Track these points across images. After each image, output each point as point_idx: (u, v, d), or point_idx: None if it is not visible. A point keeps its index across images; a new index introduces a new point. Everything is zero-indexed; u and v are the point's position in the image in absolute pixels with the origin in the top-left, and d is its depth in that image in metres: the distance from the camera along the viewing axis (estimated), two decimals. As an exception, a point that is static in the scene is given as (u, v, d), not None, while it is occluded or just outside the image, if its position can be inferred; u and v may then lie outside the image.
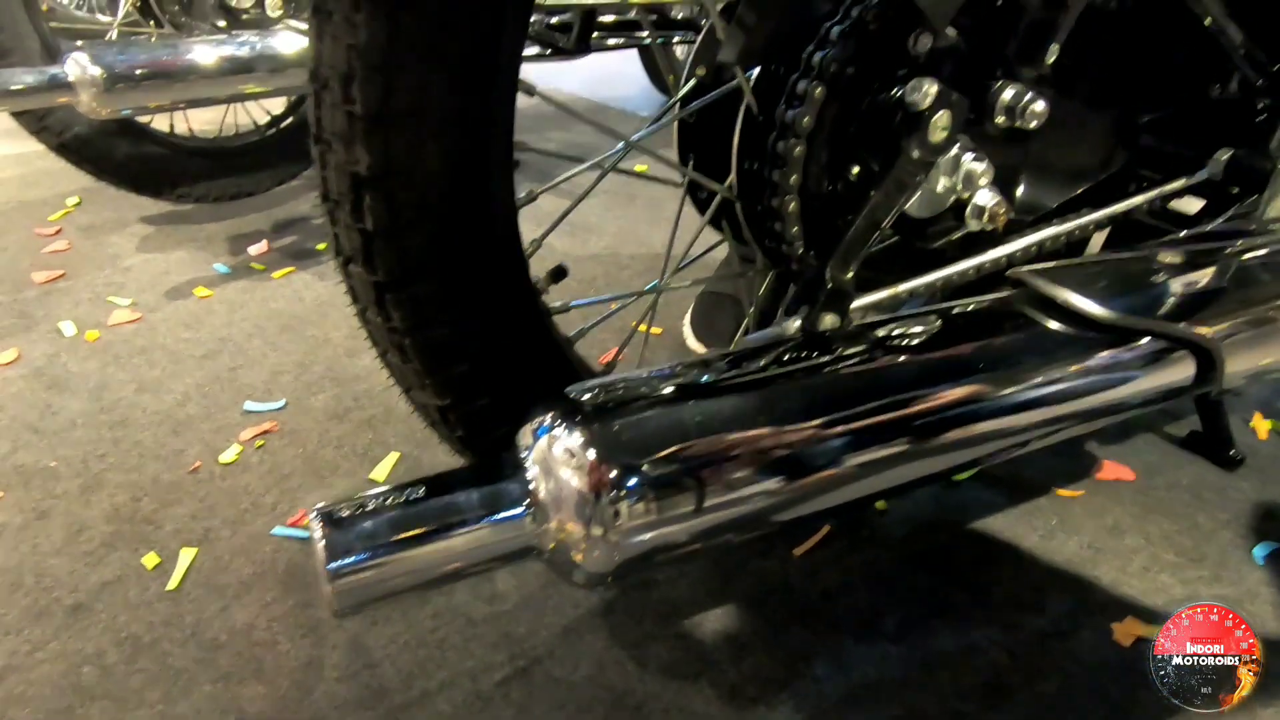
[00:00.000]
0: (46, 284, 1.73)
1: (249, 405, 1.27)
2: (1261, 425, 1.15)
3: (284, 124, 2.21)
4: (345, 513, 0.45)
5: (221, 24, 2.12)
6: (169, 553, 0.96)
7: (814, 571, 0.92)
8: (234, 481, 1.09)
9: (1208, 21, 0.60)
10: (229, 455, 1.14)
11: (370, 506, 0.45)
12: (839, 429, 0.48)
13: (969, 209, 0.60)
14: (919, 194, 0.60)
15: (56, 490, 1.07)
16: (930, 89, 0.54)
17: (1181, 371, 0.56)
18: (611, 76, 3.56)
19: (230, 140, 2.15)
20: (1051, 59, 0.59)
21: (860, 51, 0.56)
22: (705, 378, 0.50)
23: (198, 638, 0.85)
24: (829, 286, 0.59)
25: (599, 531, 0.44)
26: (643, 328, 0.88)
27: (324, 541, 0.44)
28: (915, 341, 0.53)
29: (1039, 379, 0.53)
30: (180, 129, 2.06)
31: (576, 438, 0.45)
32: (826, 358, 0.51)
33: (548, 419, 0.47)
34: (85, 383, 1.35)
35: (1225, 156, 0.68)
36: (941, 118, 0.56)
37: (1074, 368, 0.53)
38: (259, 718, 0.77)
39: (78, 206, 2.19)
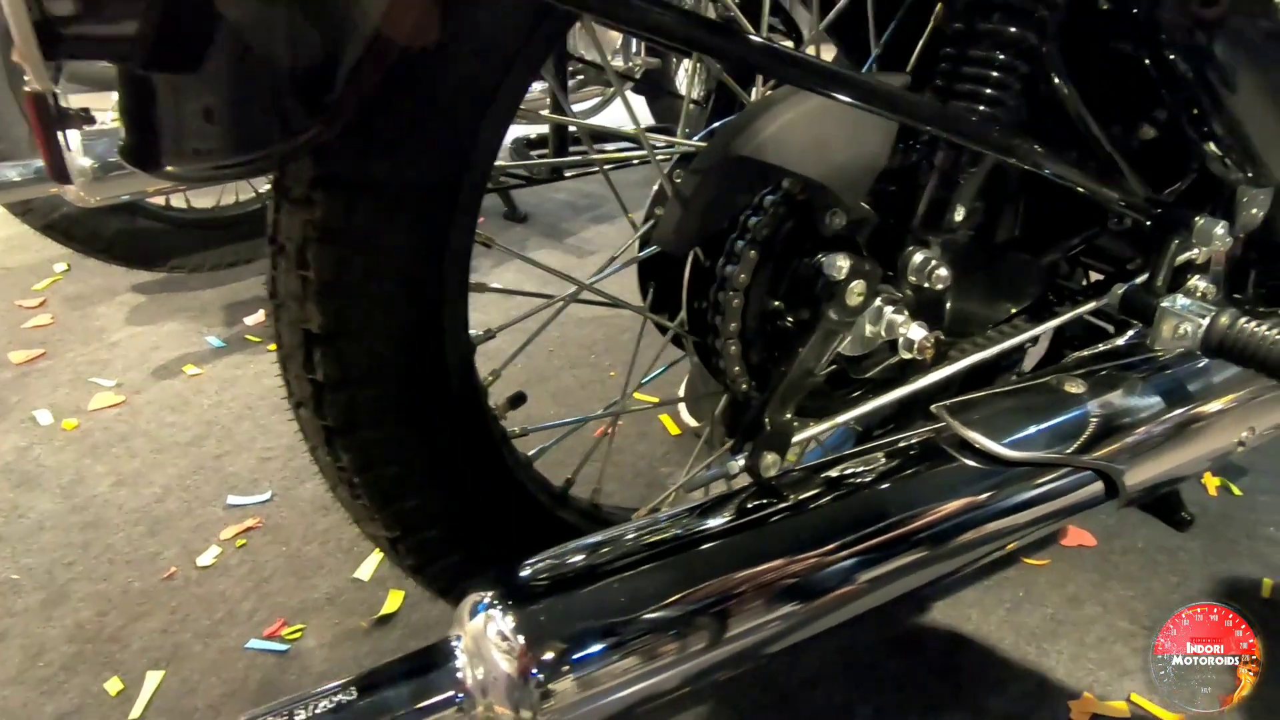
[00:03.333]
0: (25, 364, 1.65)
1: (232, 499, 1.19)
2: (1211, 482, 1.16)
3: (281, 191, 2.16)
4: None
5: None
6: (134, 676, 0.87)
7: (795, 660, 0.88)
8: (210, 588, 1.00)
9: (1086, 189, 0.65)
10: (207, 558, 1.06)
11: (299, 717, 0.42)
12: (767, 581, 0.50)
13: (900, 342, 0.63)
14: (850, 337, 0.64)
15: (16, 606, 0.98)
16: (843, 263, 0.59)
17: (1088, 492, 0.61)
18: (617, 116, 3.56)
19: (228, 210, 2.07)
20: (958, 220, 0.64)
21: (784, 223, 0.61)
22: (639, 545, 0.51)
23: (159, 779, 0.75)
24: (768, 429, 0.60)
25: (528, 715, 0.44)
26: (603, 449, 0.89)
27: None
28: (844, 487, 0.57)
29: (961, 512, 0.57)
30: (176, 201, 2.00)
31: (508, 621, 0.45)
32: (756, 513, 0.54)
33: (483, 599, 0.47)
34: (58, 478, 1.26)
35: (1120, 290, 0.73)
36: (856, 285, 0.60)
37: (992, 499, 0.58)
38: None
39: (65, 274, 2.09)
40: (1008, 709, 0.83)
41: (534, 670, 0.44)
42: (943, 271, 0.62)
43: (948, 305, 0.69)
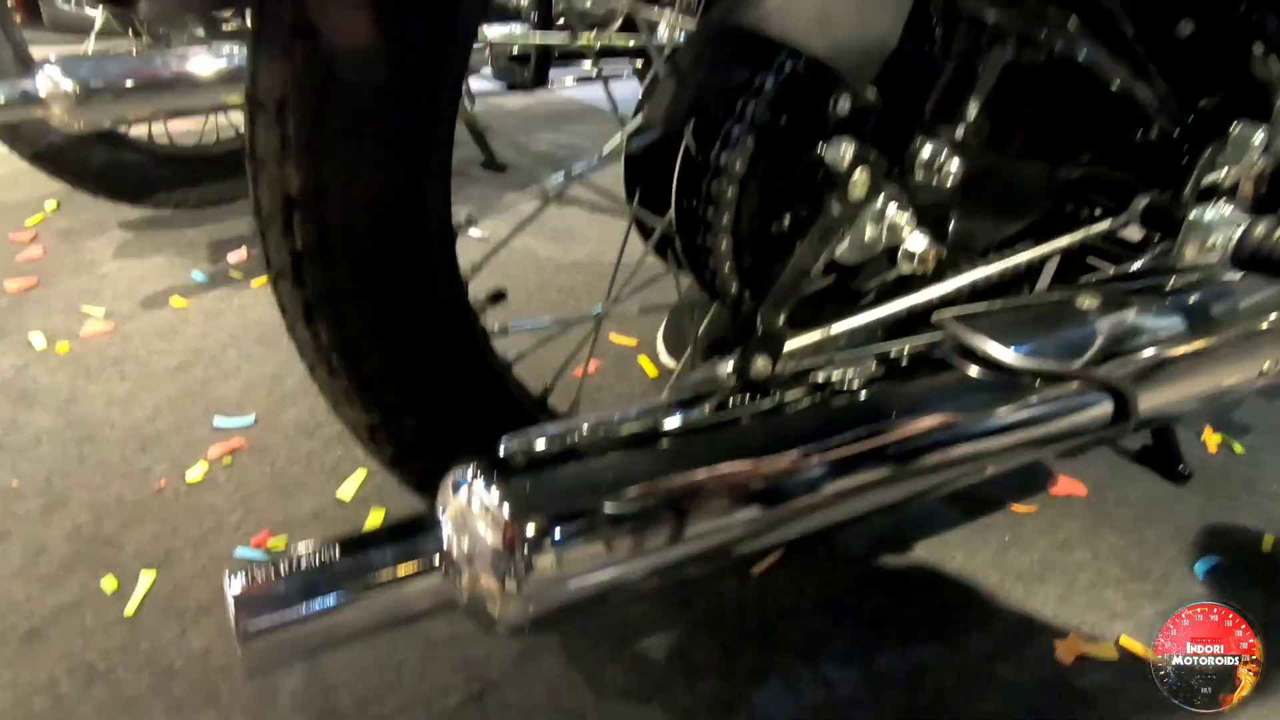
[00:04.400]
0: (19, 293, 1.70)
1: (219, 421, 1.25)
2: (1211, 439, 1.16)
3: (265, 130, 2.17)
4: (259, 575, 0.44)
5: (201, 35, 2.08)
6: (128, 575, 0.95)
7: (770, 592, 0.91)
8: (199, 501, 1.07)
9: (1116, 86, 0.61)
10: (196, 474, 1.13)
11: (284, 568, 0.44)
12: (753, 478, 0.48)
13: (900, 253, 0.59)
14: (847, 241, 0.61)
15: (18, 510, 1.05)
16: (848, 149, 0.55)
17: (1098, 413, 0.56)
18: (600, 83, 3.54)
19: (211, 147, 2.11)
20: (973, 114, 0.60)
21: (785, 107, 0.57)
22: (627, 428, 0.50)
23: (153, 665, 0.83)
24: (760, 330, 0.58)
25: (513, 586, 0.44)
26: (584, 354, 0.88)
27: (235, 605, 0.43)
28: (842, 389, 0.53)
29: (961, 423, 0.53)
30: (159, 136, 2.03)
31: (493, 494, 0.45)
32: (747, 411, 0.52)
33: (466, 473, 0.46)
34: (54, 396, 1.32)
35: (1143, 203, 0.69)
36: (860, 175, 0.56)
37: (994, 412, 0.54)
38: (212, 746, 0.76)
39: (56, 210, 2.14)
40: (991, 646, 0.83)
41: (519, 542, 0.44)
42: (953, 166, 0.57)
43: (952, 216, 0.65)
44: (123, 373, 1.41)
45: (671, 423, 0.50)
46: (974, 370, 0.54)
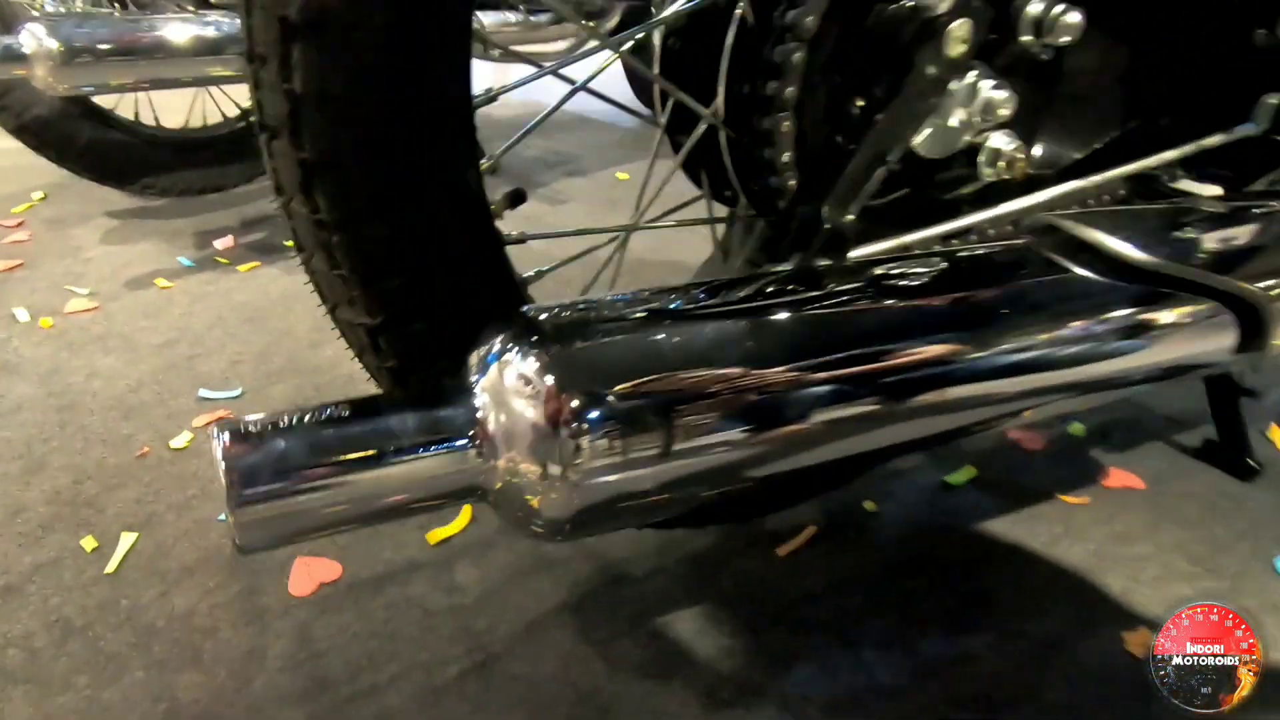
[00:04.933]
0: (4, 272, 1.74)
1: (204, 392, 1.27)
2: (1279, 436, 1.15)
3: (253, 118, 2.22)
4: (257, 430, 0.41)
5: (189, 6, 2.16)
6: (109, 536, 0.96)
7: (798, 572, 0.92)
8: (183, 467, 1.09)
9: None
10: (180, 441, 1.14)
11: (287, 424, 0.41)
12: (831, 375, 0.45)
13: (983, 154, 0.57)
14: (929, 127, 0.57)
15: (-6, 471, 1.07)
16: None
17: (1223, 333, 0.52)
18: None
19: (198, 132, 2.17)
20: None
21: None
22: (682, 304, 0.47)
23: (133, 623, 0.84)
24: (826, 228, 0.56)
25: (557, 470, 0.41)
26: (609, 270, 0.86)
27: (229, 463, 0.40)
28: (922, 282, 0.50)
29: (1059, 333, 0.49)
30: (147, 120, 2.09)
31: (534, 362, 0.42)
32: (821, 293, 0.48)
33: (502, 340, 0.44)
34: (35, 368, 1.35)
35: (1275, 101, 0.62)
36: (960, 28, 0.51)
37: (1100, 321, 0.49)
38: (193, 707, 0.76)
39: (43, 200, 2.22)
40: (1047, 636, 0.82)
41: (566, 418, 0.40)
42: (1072, 18, 0.52)
43: (1042, 119, 0.61)
44: (106, 347, 1.43)
45: (731, 302, 0.47)
46: (1080, 270, 0.50)
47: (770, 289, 0.49)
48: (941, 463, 1.10)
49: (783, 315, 0.48)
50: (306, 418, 0.43)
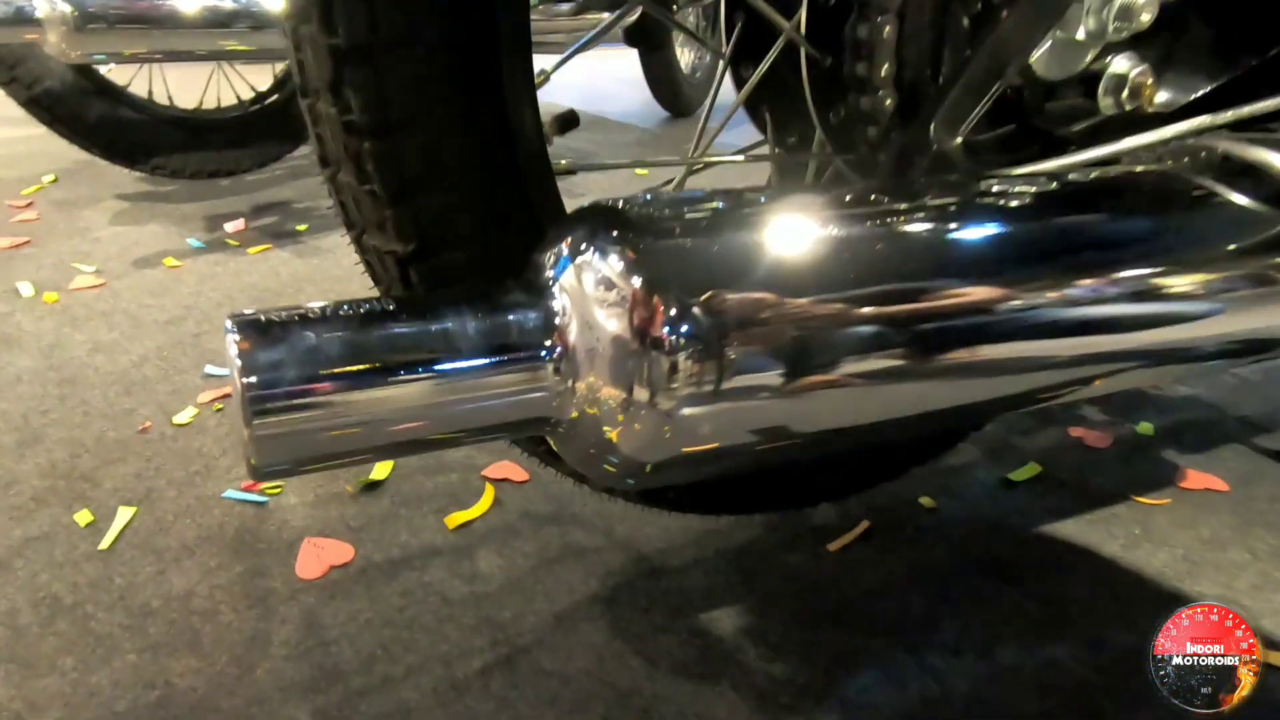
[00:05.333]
0: (9, 249, 1.71)
1: (210, 369, 1.22)
2: None
3: (269, 100, 2.19)
4: (282, 322, 0.34)
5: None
6: (105, 511, 0.90)
7: (853, 570, 0.85)
8: (186, 443, 1.03)
9: None
10: (184, 417, 1.09)
11: (319, 317, 0.35)
12: (993, 300, 0.39)
13: (1105, 80, 0.51)
14: (1051, 40, 0.52)
15: (-14, 442, 1.01)
16: None
17: None
18: (611, 91, 3.59)
19: (212, 113, 2.13)
20: None
21: None
22: (800, 208, 0.40)
23: (126, 602, 0.78)
24: (934, 150, 0.51)
25: (644, 395, 0.34)
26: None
27: (245, 360, 0.33)
28: (1069, 201, 0.44)
29: (1220, 272, 0.43)
30: (160, 99, 2.06)
31: (629, 259, 0.35)
32: (943, 207, 0.42)
33: (583, 235, 0.37)
34: (37, 341, 1.30)
35: None
36: None
37: (1272, 260, 0.43)
38: (188, 695, 0.69)
39: (54, 183, 2.20)
40: (1137, 644, 0.75)
41: (661, 327, 0.33)
42: None
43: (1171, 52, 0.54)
44: (110, 323, 1.39)
45: (847, 213, 0.40)
46: (1243, 199, 0.43)
47: (899, 198, 0.43)
48: (1001, 459, 1.03)
49: (924, 228, 0.41)
50: (343, 310, 0.36)
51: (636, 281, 0.35)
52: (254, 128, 2.16)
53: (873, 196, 0.42)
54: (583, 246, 0.37)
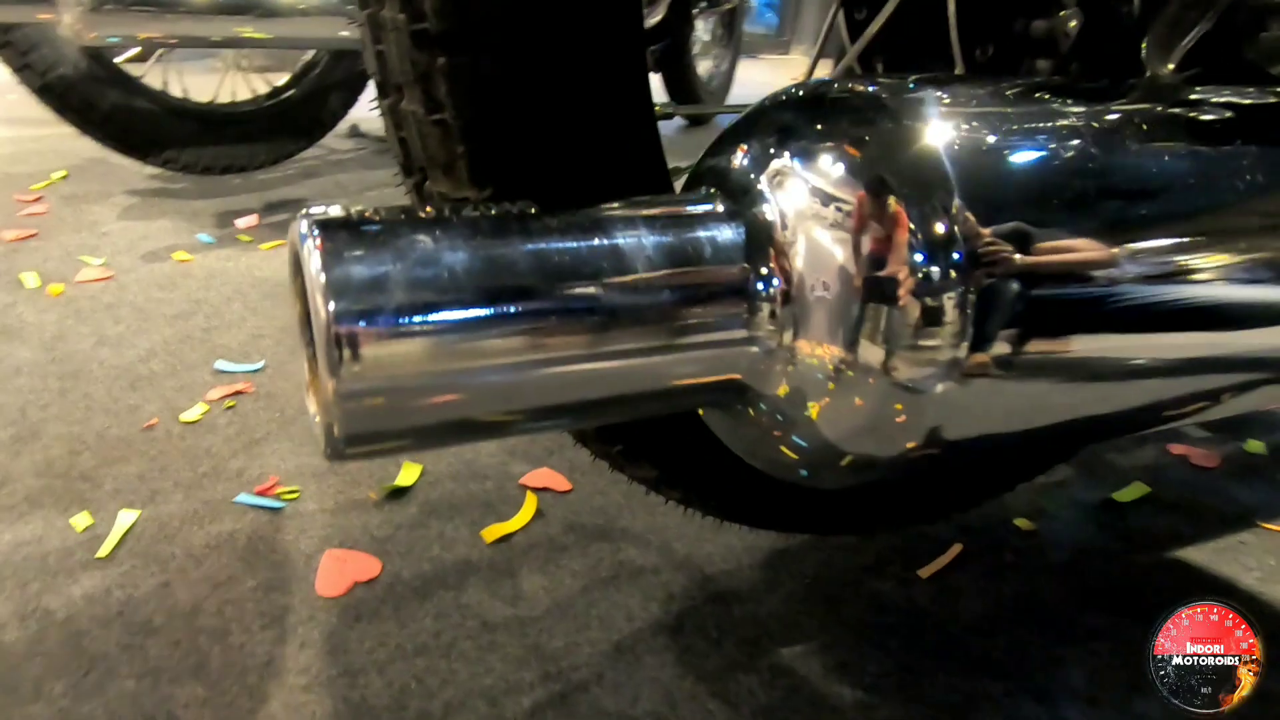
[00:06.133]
0: (16, 241, 1.65)
1: (221, 364, 1.14)
2: None
3: (285, 95, 2.15)
4: (383, 224, 0.25)
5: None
6: (105, 514, 0.82)
7: (950, 599, 0.76)
8: (194, 442, 0.95)
9: None
10: (192, 414, 1.01)
11: (432, 222, 0.26)
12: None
13: None
14: None
15: (-22, 436, 0.94)
16: None
17: None
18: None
19: (227, 108, 2.10)
20: None
21: None
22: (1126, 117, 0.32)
23: (126, 619, 0.69)
24: (1146, 77, 0.44)
25: (921, 354, 0.26)
26: None
27: (330, 277, 0.24)
28: None
29: None
30: (175, 92, 2.02)
31: (908, 161, 0.27)
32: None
33: (822, 119, 0.29)
34: (39, 333, 1.23)
35: None
36: None
37: None
38: (193, 729, 0.61)
39: (64, 179, 2.15)
40: None
41: (951, 260, 0.25)
42: None
43: None
44: (116, 316, 1.32)
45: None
46: None
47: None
48: (1098, 476, 0.94)
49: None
50: (467, 216, 0.27)
51: (923, 193, 0.26)
52: (270, 123, 2.13)
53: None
54: (821, 133, 0.28)
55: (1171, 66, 0.46)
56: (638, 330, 0.27)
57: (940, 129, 0.28)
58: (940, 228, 0.26)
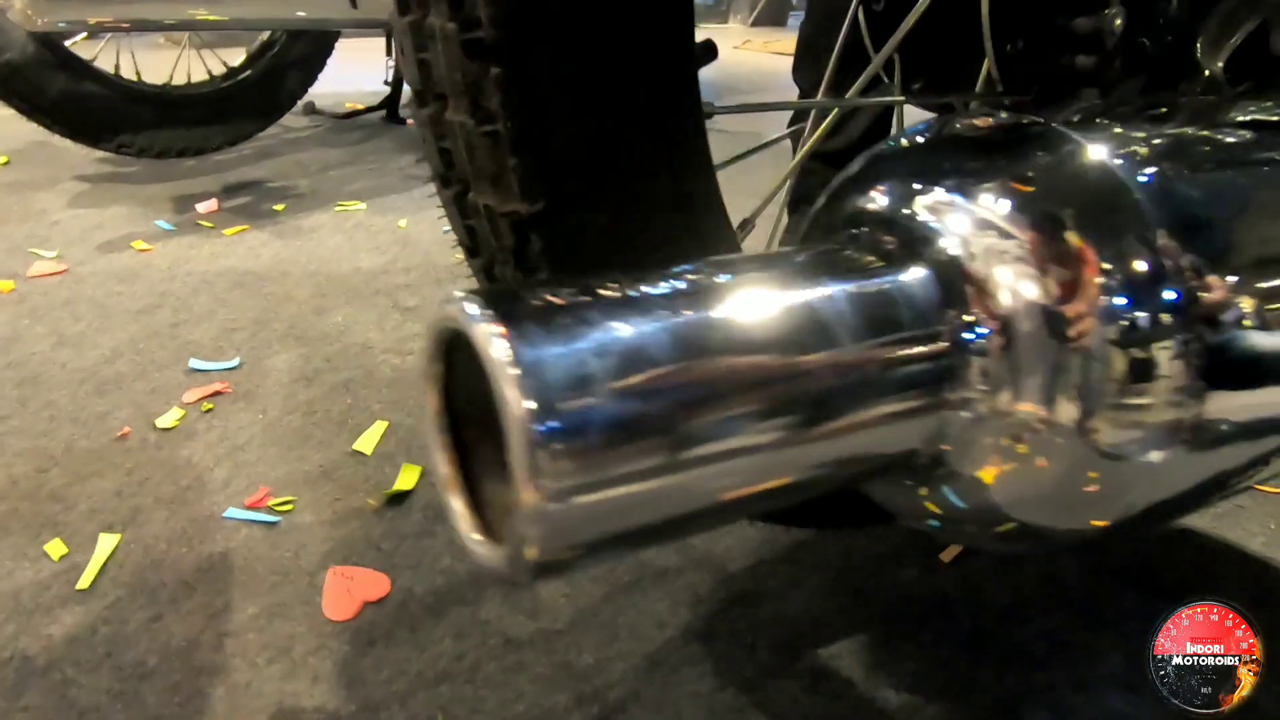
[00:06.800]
0: (-47, 232, 1.49)
1: (195, 363, 1.04)
2: None
3: (242, 76, 2.00)
4: (566, 304, 0.21)
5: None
6: (82, 539, 0.72)
7: (973, 586, 0.71)
8: (173, 451, 0.85)
9: None
10: (167, 420, 0.91)
11: (620, 295, 0.21)
12: None
13: None
14: None
15: (-72, 456, 0.82)
16: None
17: None
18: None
19: (182, 89, 1.94)
20: None
21: None
22: None
23: (115, 660, 0.61)
24: (1204, 75, 0.41)
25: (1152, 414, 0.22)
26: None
27: (526, 375, 0.19)
28: None
29: None
30: (127, 74, 1.85)
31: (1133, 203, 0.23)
32: None
33: (1036, 153, 0.26)
34: (-14, 335, 1.10)
35: None
36: None
37: None
38: (202, 782, 0.53)
39: (5, 165, 1.97)
40: None
41: (1197, 308, 0.22)
42: None
43: None
44: (75, 314, 1.19)
45: None
46: None
47: None
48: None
49: None
50: (659, 290, 0.22)
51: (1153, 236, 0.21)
52: (226, 104, 1.98)
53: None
54: (1009, 171, 0.24)
55: (1220, 65, 0.42)
56: (852, 407, 0.21)
57: (1143, 161, 0.24)
58: (1180, 266, 0.21)
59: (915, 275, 0.25)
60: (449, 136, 0.38)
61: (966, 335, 0.24)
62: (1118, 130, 0.25)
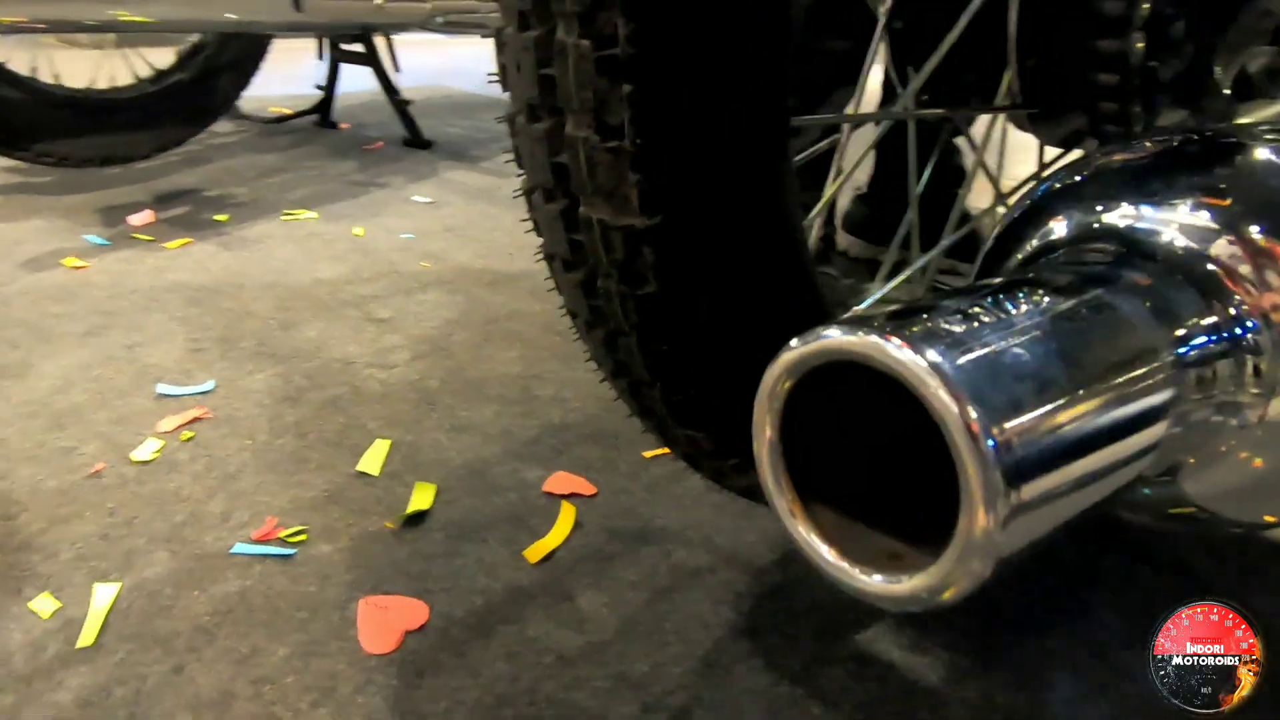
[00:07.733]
0: None
1: (163, 388, 0.92)
2: None
3: (172, 79, 1.81)
4: (986, 346, 0.21)
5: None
6: (73, 590, 0.62)
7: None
8: (158, 485, 0.75)
9: None
10: (145, 451, 0.80)
11: (1016, 316, 0.22)
12: None
13: None
14: None
15: None
16: None
17: None
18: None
19: (106, 93, 1.74)
20: None
21: None
22: None
23: (138, 724, 0.52)
24: (1218, 82, 0.42)
25: None
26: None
27: (979, 416, 0.20)
28: None
29: None
30: (45, 77, 1.64)
31: None
32: None
33: None
34: (-90, 366, 0.94)
35: None
36: None
37: None
38: None
39: None
40: None
41: None
42: None
43: None
44: (10, 340, 1.04)
45: None
46: None
47: None
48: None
49: None
50: (1043, 306, 0.23)
51: None
52: (154, 109, 1.78)
53: None
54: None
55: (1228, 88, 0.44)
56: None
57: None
58: None
59: (1177, 285, 0.23)
60: (567, 151, 0.33)
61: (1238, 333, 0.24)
62: None
